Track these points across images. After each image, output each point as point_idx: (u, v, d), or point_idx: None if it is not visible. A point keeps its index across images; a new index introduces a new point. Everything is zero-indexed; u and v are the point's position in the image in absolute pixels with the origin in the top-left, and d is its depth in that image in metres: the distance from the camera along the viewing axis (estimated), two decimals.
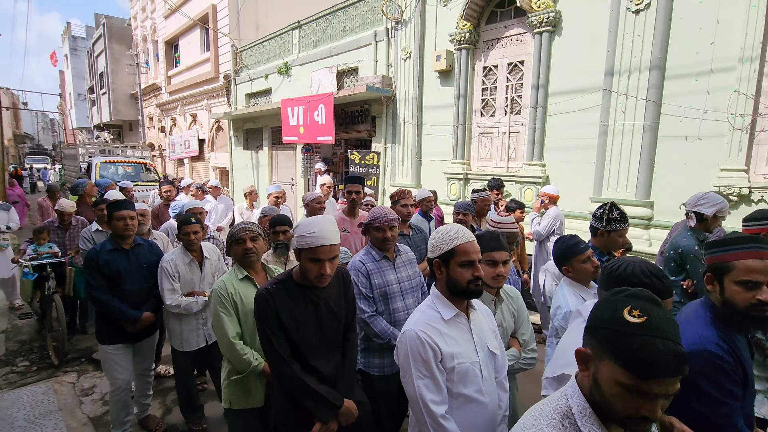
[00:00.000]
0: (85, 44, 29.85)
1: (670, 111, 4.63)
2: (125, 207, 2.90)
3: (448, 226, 1.65)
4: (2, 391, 3.72)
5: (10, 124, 40.76)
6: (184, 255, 2.99)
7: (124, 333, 2.88)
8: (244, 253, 2.26)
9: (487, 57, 6.37)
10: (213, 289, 2.17)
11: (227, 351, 2.14)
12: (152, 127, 19.92)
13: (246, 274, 2.27)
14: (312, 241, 1.65)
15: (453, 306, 1.58)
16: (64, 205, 4.72)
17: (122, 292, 2.85)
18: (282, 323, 1.74)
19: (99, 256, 2.82)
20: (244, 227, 2.28)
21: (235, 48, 12.15)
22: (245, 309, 2.17)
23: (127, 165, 11.66)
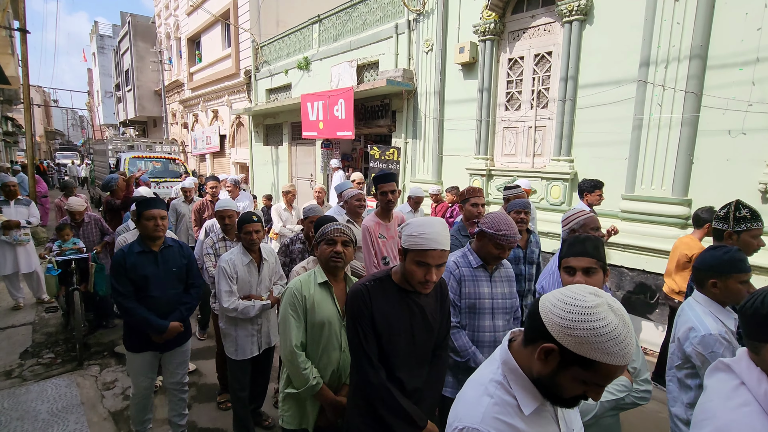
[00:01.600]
0: (111, 42, 30.63)
1: (711, 103, 4.33)
2: (156, 206, 2.68)
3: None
4: (28, 383, 3.78)
5: (41, 120, 42.32)
6: (244, 255, 2.82)
7: (151, 341, 2.69)
8: (332, 256, 2.03)
9: (512, 48, 6.13)
10: (288, 287, 2.01)
11: (287, 359, 1.96)
12: (175, 123, 20.27)
13: (326, 279, 2.05)
14: (422, 243, 1.51)
15: (538, 392, 1.00)
16: (73, 205, 4.76)
17: (149, 299, 2.63)
18: (375, 325, 1.60)
19: (126, 259, 2.61)
20: (337, 228, 2.08)
21: (256, 43, 12.17)
22: (314, 319, 1.96)
23: (156, 160, 11.63)
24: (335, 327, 1.99)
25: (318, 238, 2.11)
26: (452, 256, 2.21)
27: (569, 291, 0.94)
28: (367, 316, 1.59)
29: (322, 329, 1.96)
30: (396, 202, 3.32)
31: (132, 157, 11.12)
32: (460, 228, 3.08)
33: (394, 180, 3.27)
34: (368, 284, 1.63)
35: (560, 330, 0.90)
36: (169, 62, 19.53)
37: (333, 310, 2.00)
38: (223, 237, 3.44)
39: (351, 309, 1.63)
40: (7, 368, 4.04)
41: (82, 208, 4.82)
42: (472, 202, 3.11)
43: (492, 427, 0.96)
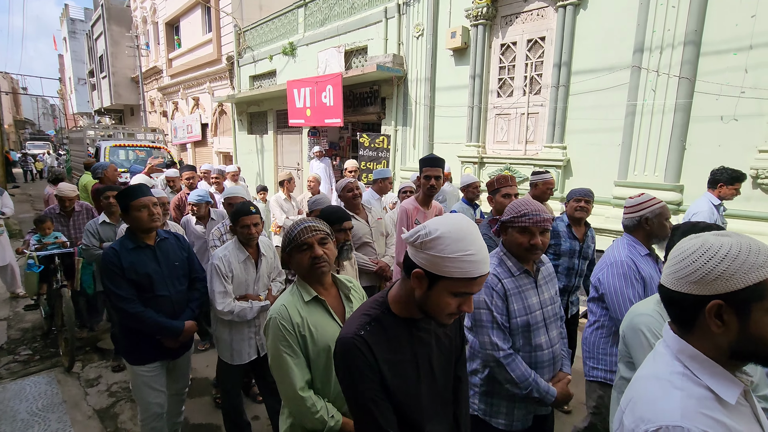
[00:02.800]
0: (83, 27, 29.31)
1: (704, 89, 4.35)
2: (144, 192, 2.30)
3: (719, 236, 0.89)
4: (4, 381, 3.57)
5: (9, 109, 40.47)
6: (239, 251, 2.50)
7: (161, 349, 2.34)
8: (313, 263, 1.60)
9: (505, 33, 6.04)
10: (270, 318, 1.57)
11: (293, 406, 1.56)
12: (154, 111, 19.60)
13: (315, 294, 1.62)
14: (470, 268, 1.06)
15: (736, 379, 0.87)
16: (64, 190, 4.34)
17: (157, 299, 2.30)
18: (385, 384, 1.18)
19: (121, 259, 2.22)
20: (308, 226, 1.64)
21: (238, 28, 11.77)
22: (317, 346, 1.56)
23: (139, 149, 10.55)
24: None
25: (286, 246, 1.65)
26: (492, 266, 1.78)
27: (690, 245, 0.90)
28: (373, 377, 1.16)
29: (328, 355, 1.55)
30: (439, 189, 3.02)
31: (113, 146, 10.13)
32: (490, 223, 2.80)
33: (441, 165, 2.92)
34: (363, 332, 1.17)
35: (717, 281, 0.84)
36: (146, 48, 18.80)
37: (335, 329, 1.59)
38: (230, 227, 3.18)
39: (347, 373, 1.18)
40: None
41: (73, 193, 4.39)
42: (503, 193, 2.70)
43: (699, 423, 0.81)
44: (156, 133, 12.19)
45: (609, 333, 2.14)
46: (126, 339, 2.35)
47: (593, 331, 2.22)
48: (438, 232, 1.08)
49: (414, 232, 1.13)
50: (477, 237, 1.11)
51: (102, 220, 3.57)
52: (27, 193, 15.97)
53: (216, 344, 2.62)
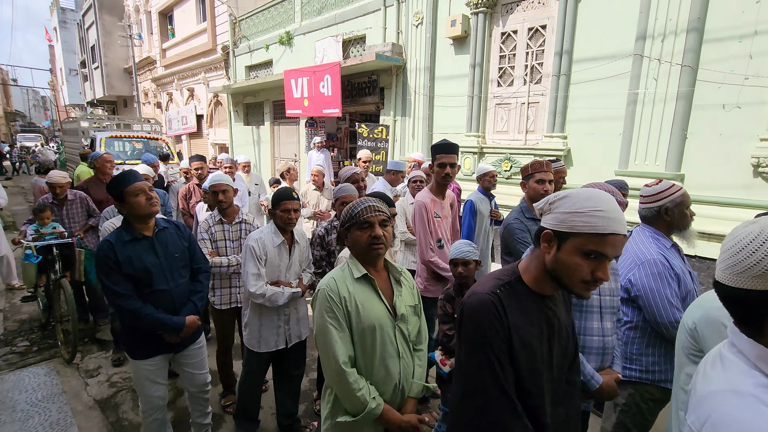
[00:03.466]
0: (74, 16, 28.78)
1: (706, 77, 4.32)
2: (136, 178, 2.19)
3: None
4: (2, 372, 3.52)
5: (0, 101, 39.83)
6: (275, 235, 2.47)
7: (162, 343, 2.26)
8: (371, 243, 1.58)
9: (505, 22, 5.98)
10: (319, 289, 1.56)
11: (335, 380, 1.53)
12: (147, 102, 19.35)
13: (365, 272, 1.60)
14: (600, 224, 1.02)
15: None
16: (54, 177, 4.21)
17: (156, 294, 2.18)
18: (511, 351, 1.11)
19: (116, 252, 2.08)
20: (371, 205, 1.61)
21: (234, 17, 11.60)
22: (361, 324, 1.53)
23: (137, 141, 10.23)
24: (388, 330, 1.58)
25: (346, 222, 1.64)
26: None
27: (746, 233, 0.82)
28: (503, 338, 1.10)
29: (373, 335, 1.54)
30: (454, 176, 2.92)
31: (109, 137, 9.79)
32: (523, 210, 2.60)
33: (456, 152, 2.80)
34: (498, 291, 1.14)
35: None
36: (139, 38, 18.50)
37: (382, 310, 1.59)
38: (220, 219, 2.97)
39: (478, 329, 1.11)
40: None
41: (64, 180, 4.26)
42: (537, 179, 2.59)
43: None
44: (152, 123, 11.83)
45: (644, 334, 2.00)
46: (126, 334, 2.27)
47: (626, 331, 2.07)
48: (568, 192, 1.12)
49: (545, 199, 1.16)
50: (609, 200, 1.06)
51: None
52: (19, 186, 15.77)
53: (244, 330, 2.58)
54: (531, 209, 2.58)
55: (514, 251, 2.50)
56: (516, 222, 2.52)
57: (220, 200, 2.92)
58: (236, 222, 3.01)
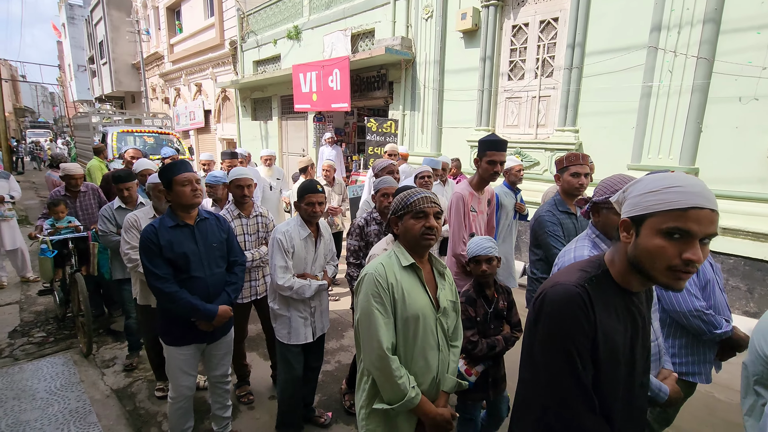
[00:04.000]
0: (82, 12, 28.88)
1: (723, 69, 4.27)
2: (187, 168, 2.26)
3: None
4: (21, 362, 3.58)
5: (9, 97, 40.20)
6: (302, 228, 2.48)
7: (196, 332, 2.30)
8: (424, 233, 1.57)
9: (517, 14, 5.93)
10: (366, 273, 1.55)
11: (376, 366, 1.51)
12: (155, 98, 19.45)
13: (413, 261, 1.59)
14: (678, 199, 0.93)
15: None
16: (70, 168, 4.26)
17: (192, 280, 2.24)
18: (594, 350, 1.06)
19: (159, 236, 2.18)
20: (427, 196, 1.61)
21: (242, 12, 11.60)
22: (406, 312, 1.53)
23: (148, 135, 10.16)
24: (430, 321, 1.58)
25: (400, 210, 1.63)
26: (580, 249, 1.66)
27: None
28: (588, 334, 1.04)
29: (416, 325, 1.54)
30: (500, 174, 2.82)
31: (120, 132, 9.73)
32: (557, 203, 2.54)
33: (506, 149, 2.69)
34: (586, 284, 1.07)
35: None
36: (147, 33, 18.56)
37: (426, 300, 1.59)
38: (238, 214, 2.99)
39: (562, 321, 1.06)
40: None
41: (80, 171, 4.30)
42: (572, 171, 2.49)
43: None
44: (163, 119, 11.77)
45: (663, 325, 1.99)
46: (162, 319, 2.32)
47: None
48: (640, 177, 1.07)
49: (617, 195, 1.11)
50: (688, 177, 0.98)
51: (118, 205, 3.42)
52: (30, 181, 15.94)
53: (274, 322, 2.57)
54: (565, 202, 2.53)
55: (543, 244, 2.47)
56: (548, 215, 2.49)
57: (245, 194, 2.94)
58: (253, 216, 3.05)
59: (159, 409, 2.98)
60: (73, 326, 4.16)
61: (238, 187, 2.94)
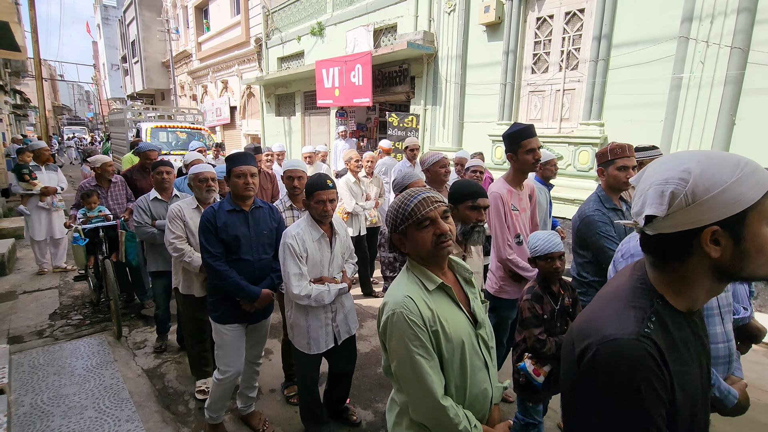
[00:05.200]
0: (116, 13, 30.02)
1: (758, 59, 4.10)
2: (246, 161, 2.39)
3: None
4: (61, 341, 3.81)
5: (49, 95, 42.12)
6: (313, 229, 2.31)
7: (241, 312, 2.44)
8: (438, 242, 1.31)
9: (541, 6, 5.84)
10: (394, 313, 1.26)
11: (431, 418, 1.29)
12: (184, 95, 20.02)
13: (440, 281, 1.33)
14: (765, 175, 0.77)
15: None
16: (101, 159, 4.53)
17: (240, 262, 2.38)
18: (674, 407, 0.83)
19: (217, 218, 2.35)
20: (426, 198, 1.33)
21: (266, 9, 11.80)
22: (451, 343, 1.29)
23: (180, 131, 10.16)
24: (473, 341, 1.35)
25: (399, 223, 1.36)
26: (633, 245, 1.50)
27: None
28: (664, 402, 0.80)
29: (462, 353, 1.31)
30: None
31: (154, 127, 9.77)
32: (602, 199, 2.34)
33: (536, 134, 2.51)
34: (649, 331, 0.81)
35: None
36: (176, 32, 19.12)
37: (464, 321, 1.35)
38: (290, 206, 2.97)
39: (629, 388, 0.79)
40: (38, 328, 4.08)
41: (108, 159, 4.55)
42: (618, 165, 2.27)
43: None
44: (195, 114, 11.83)
45: None
46: (213, 296, 2.47)
47: None
48: (692, 172, 0.78)
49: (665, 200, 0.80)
50: (733, 155, 0.81)
51: (153, 197, 3.47)
52: (68, 175, 16.71)
53: (290, 332, 2.46)
54: (611, 198, 2.34)
55: (595, 246, 2.26)
56: (597, 213, 2.26)
57: (295, 186, 2.93)
58: (304, 209, 2.86)
59: (186, 388, 3.13)
60: (107, 310, 4.40)
61: (289, 179, 2.94)
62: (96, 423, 2.71)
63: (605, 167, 2.35)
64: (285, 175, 2.96)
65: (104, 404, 2.90)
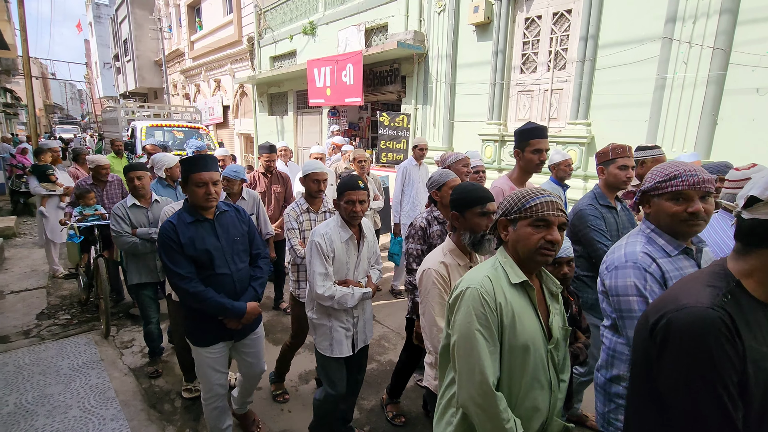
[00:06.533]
0: (108, 11, 29.79)
1: (740, 60, 4.17)
2: (206, 167, 2.09)
3: None
4: (47, 341, 3.81)
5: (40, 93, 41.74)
6: (342, 230, 2.22)
7: (224, 330, 2.21)
8: (544, 246, 1.25)
9: (529, 7, 5.89)
10: (470, 288, 1.25)
11: (476, 403, 1.21)
12: (176, 94, 19.93)
13: (525, 278, 1.28)
14: None
15: None
16: (97, 159, 4.51)
17: (216, 277, 2.14)
18: (746, 381, 0.86)
19: (179, 233, 2.06)
20: (552, 201, 1.27)
21: (259, 8, 11.78)
22: (515, 341, 1.23)
23: (177, 130, 9.81)
24: (541, 353, 1.26)
25: (514, 211, 1.30)
26: (632, 245, 1.47)
27: None
28: (737, 368, 0.85)
29: (525, 357, 1.23)
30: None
31: (149, 126, 9.38)
32: (597, 196, 2.39)
33: (546, 137, 2.49)
34: (724, 303, 0.88)
35: None
36: (169, 30, 19.02)
37: (536, 327, 1.27)
38: (307, 208, 2.87)
39: (703, 354, 0.85)
40: (24, 328, 4.07)
41: (107, 161, 4.52)
42: (620, 164, 2.31)
43: None
44: (193, 113, 11.48)
45: None
46: (188, 319, 2.24)
47: None
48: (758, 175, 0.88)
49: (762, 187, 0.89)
50: None
51: (131, 203, 3.20)
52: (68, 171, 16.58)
53: (313, 332, 2.35)
54: (606, 196, 2.39)
55: (585, 239, 2.32)
56: (590, 208, 2.35)
57: (321, 189, 2.83)
58: (322, 212, 2.93)
59: (172, 387, 3.14)
60: (96, 310, 4.40)
61: (315, 182, 2.82)
62: (80, 422, 2.72)
63: (606, 166, 2.40)
64: (310, 178, 2.83)
65: (89, 403, 2.90)
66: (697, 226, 1.38)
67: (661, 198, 1.41)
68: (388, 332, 4.06)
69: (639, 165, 2.91)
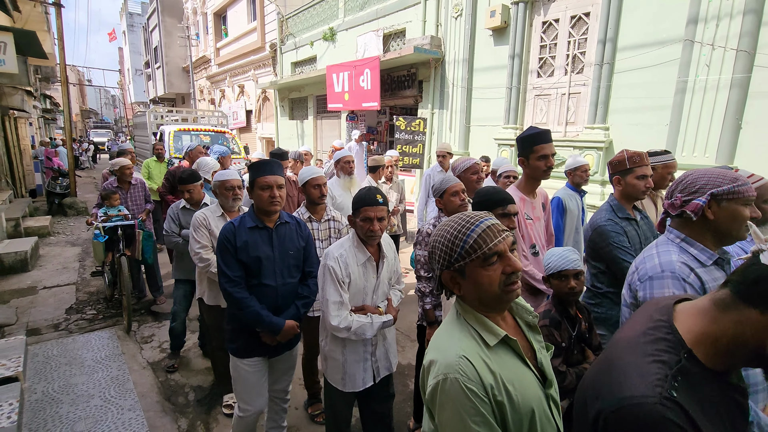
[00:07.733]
0: (140, 20, 31.08)
1: (765, 62, 4.03)
2: (271, 170, 2.09)
3: None
4: (74, 334, 4.02)
5: (76, 99, 43.81)
6: (359, 251, 1.98)
7: (262, 344, 2.14)
8: (507, 283, 1.03)
9: (547, 10, 5.85)
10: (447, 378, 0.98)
11: None
12: (203, 99, 20.57)
13: (503, 333, 1.05)
14: None
15: None
16: (121, 161, 4.75)
17: (261, 288, 2.07)
18: None
19: (236, 236, 2.04)
20: (493, 225, 1.06)
21: (281, 16, 12.08)
22: (518, 413, 1.00)
23: (204, 134, 9.73)
24: (544, 406, 1.06)
25: (456, 259, 1.06)
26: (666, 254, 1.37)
27: None
28: None
29: (531, 424, 1.02)
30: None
31: (177, 130, 9.35)
32: (614, 208, 2.23)
33: (551, 140, 2.37)
34: (674, 392, 0.74)
35: None
36: (196, 38, 19.69)
37: (532, 381, 1.07)
38: (309, 217, 2.71)
39: None
40: (54, 322, 4.30)
41: (129, 163, 4.75)
42: (638, 174, 2.18)
43: None
44: (220, 117, 11.58)
45: None
46: (231, 326, 2.17)
47: None
48: None
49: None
50: None
51: (182, 205, 3.34)
52: (92, 176, 17.37)
53: (324, 364, 2.13)
54: (624, 207, 2.23)
55: (608, 257, 2.15)
56: (609, 224, 2.17)
57: (323, 194, 2.68)
58: (325, 220, 2.77)
59: (187, 381, 3.27)
60: (120, 306, 4.61)
61: (315, 187, 2.66)
62: (101, 411, 2.87)
63: (623, 176, 2.24)
64: (310, 185, 2.66)
65: (110, 394, 3.06)
66: (746, 232, 1.33)
67: (737, 203, 1.31)
68: (397, 334, 4.09)
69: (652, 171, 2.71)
